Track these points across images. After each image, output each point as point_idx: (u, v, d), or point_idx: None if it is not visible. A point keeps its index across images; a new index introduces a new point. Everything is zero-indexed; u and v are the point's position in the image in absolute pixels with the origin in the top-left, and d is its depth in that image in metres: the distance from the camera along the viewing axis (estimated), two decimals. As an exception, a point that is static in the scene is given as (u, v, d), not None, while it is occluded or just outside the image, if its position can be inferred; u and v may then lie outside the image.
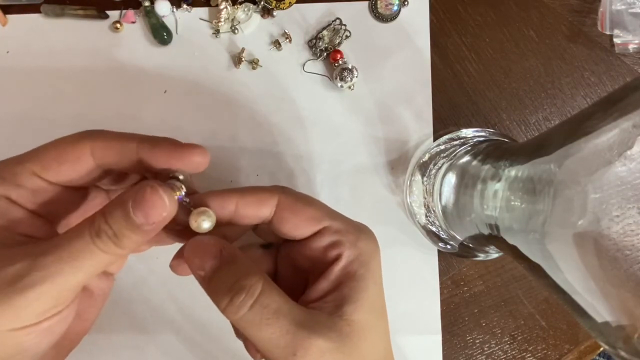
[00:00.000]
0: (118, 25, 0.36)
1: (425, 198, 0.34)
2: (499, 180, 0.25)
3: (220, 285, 0.22)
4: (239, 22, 0.36)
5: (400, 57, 0.36)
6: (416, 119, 0.36)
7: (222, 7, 0.35)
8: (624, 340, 0.17)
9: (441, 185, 0.32)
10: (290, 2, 0.36)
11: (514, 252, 0.24)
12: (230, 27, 0.36)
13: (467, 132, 0.34)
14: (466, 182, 0.30)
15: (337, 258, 0.24)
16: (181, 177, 0.24)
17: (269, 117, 0.36)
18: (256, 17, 0.36)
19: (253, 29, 0.36)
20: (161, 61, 0.36)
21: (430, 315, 0.36)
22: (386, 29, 0.36)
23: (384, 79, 0.36)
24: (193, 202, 0.24)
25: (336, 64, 0.35)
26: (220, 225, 0.24)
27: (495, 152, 0.29)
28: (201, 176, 0.36)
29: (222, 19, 0.35)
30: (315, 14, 0.36)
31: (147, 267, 0.36)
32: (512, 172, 0.24)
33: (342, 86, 0.35)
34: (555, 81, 0.36)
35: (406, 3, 0.36)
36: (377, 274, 0.25)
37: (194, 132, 0.36)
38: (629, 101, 0.17)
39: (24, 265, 0.20)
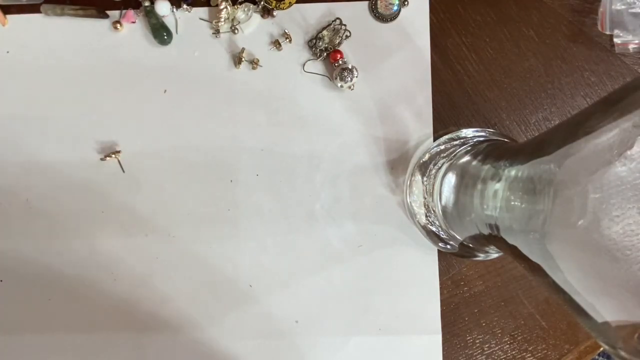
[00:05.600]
0: (118, 25, 0.36)
1: (425, 198, 0.34)
2: (499, 180, 0.25)
3: None
4: (239, 22, 0.36)
5: (400, 57, 0.36)
6: (416, 119, 0.36)
7: (222, 7, 0.35)
8: (624, 340, 0.17)
9: (441, 185, 0.32)
10: (290, 2, 0.36)
11: (514, 252, 0.24)
12: (230, 27, 0.36)
13: (467, 132, 0.34)
14: (466, 182, 0.30)
15: None
16: None
17: (269, 117, 0.36)
18: (256, 17, 0.36)
19: (253, 29, 0.36)
20: (161, 61, 0.36)
21: (430, 315, 0.36)
22: (386, 29, 0.36)
23: (384, 79, 0.36)
24: None
25: (336, 64, 0.35)
26: None
27: (495, 152, 0.29)
28: (200, 176, 0.36)
29: (222, 19, 0.35)
30: (315, 14, 0.36)
31: (147, 268, 0.36)
32: (512, 172, 0.24)
33: (342, 86, 0.35)
34: (555, 81, 0.36)
35: (406, 3, 0.36)
36: None
37: (194, 132, 0.36)
38: (629, 101, 0.17)
39: None
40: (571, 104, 0.37)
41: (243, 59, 0.36)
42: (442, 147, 0.34)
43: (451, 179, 0.32)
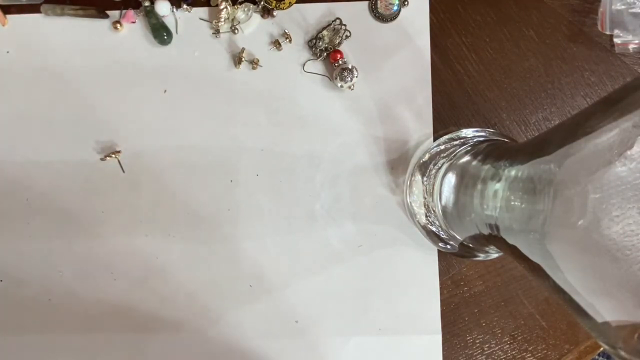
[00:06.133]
0: (118, 25, 0.36)
1: (425, 198, 0.34)
2: (499, 180, 0.25)
3: None
4: (239, 22, 0.36)
5: (400, 57, 0.36)
6: (416, 119, 0.36)
7: (222, 7, 0.35)
8: (624, 340, 0.17)
9: (441, 185, 0.32)
10: (290, 2, 0.36)
11: (514, 252, 0.24)
12: (230, 27, 0.36)
13: (467, 132, 0.34)
14: (466, 182, 0.30)
15: None
16: None
17: (269, 117, 0.36)
18: (256, 17, 0.36)
19: (253, 29, 0.36)
20: (161, 61, 0.36)
21: (430, 315, 0.36)
22: (386, 29, 0.36)
23: (384, 79, 0.36)
24: None
25: (336, 64, 0.35)
26: None
27: (495, 152, 0.29)
28: (201, 175, 0.36)
29: (222, 19, 0.35)
30: (315, 14, 0.36)
31: (147, 268, 0.36)
32: (512, 172, 0.24)
33: (342, 86, 0.35)
34: (555, 81, 0.36)
35: (406, 3, 0.36)
36: None
37: (194, 132, 0.36)
38: (629, 101, 0.17)
39: None
40: (571, 104, 0.37)
41: (243, 59, 0.36)
42: (442, 147, 0.34)
43: (451, 179, 0.32)
